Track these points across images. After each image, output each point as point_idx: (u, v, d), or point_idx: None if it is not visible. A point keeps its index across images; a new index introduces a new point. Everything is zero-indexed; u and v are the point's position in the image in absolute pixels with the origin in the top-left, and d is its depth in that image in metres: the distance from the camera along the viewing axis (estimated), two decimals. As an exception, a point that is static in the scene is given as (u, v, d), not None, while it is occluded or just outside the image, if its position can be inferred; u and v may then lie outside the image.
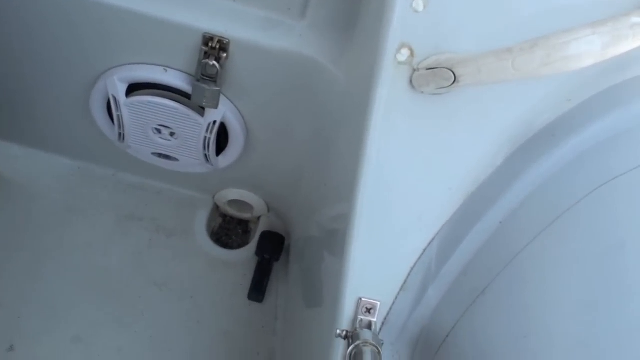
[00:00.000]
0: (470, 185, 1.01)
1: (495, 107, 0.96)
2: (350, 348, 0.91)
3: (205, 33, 1.24)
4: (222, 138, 1.50)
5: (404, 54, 0.89)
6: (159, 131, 1.48)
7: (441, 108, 0.93)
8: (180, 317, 1.71)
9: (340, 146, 1.19)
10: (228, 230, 1.94)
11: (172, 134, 1.48)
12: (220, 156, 1.56)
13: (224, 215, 1.96)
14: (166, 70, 1.35)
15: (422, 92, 0.91)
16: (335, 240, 1.12)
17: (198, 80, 1.29)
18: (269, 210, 1.88)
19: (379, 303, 0.98)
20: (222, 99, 1.36)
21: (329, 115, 1.28)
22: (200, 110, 1.40)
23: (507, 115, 0.98)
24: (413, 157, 0.96)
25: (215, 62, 1.26)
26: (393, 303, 1.02)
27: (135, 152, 1.61)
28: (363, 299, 0.98)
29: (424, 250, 1.02)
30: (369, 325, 0.97)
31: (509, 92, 0.95)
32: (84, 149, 1.78)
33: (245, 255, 1.84)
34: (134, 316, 1.68)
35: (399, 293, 1.02)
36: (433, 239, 1.02)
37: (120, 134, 1.50)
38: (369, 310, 0.98)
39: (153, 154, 1.59)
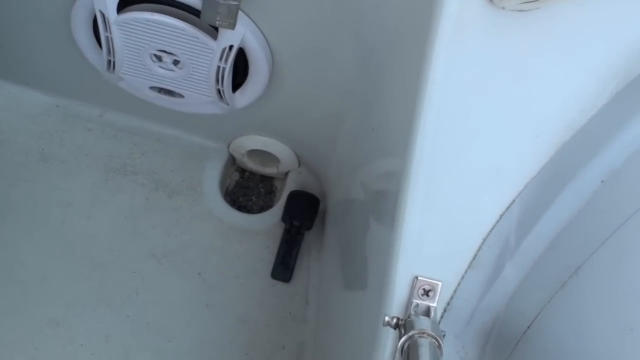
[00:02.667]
0: (563, 132, 1.00)
1: (599, 29, 0.95)
2: (403, 340, 0.90)
3: None
4: (241, 69, 1.51)
5: (481, -45, 0.89)
6: (160, 58, 1.48)
7: (527, 29, 0.92)
8: (184, 298, 1.73)
9: (394, 79, 1.18)
10: (247, 189, 1.96)
11: (175, 62, 1.48)
12: (238, 92, 1.57)
13: (242, 170, 1.97)
14: (169, -21, 1.35)
15: (503, 8, 0.90)
16: (385, 203, 1.12)
17: (210, -8, 1.29)
18: (299, 165, 1.90)
19: (440, 284, 0.98)
20: (242, 16, 1.35)
21: (379, 39, 1.27)
22: (213, 32, 1.40)
23: (614, 41, 0.96)
24: (489, 92, 0.95)
25: (232, -32, 1.26)
26: (458, 284, 1.02)
27: (128, 86, 1.62)
28: (420, 279, 0.98)
29: (501, 217, 1.01)
30: (427, 312, 0.98)
31: (619, 9, 0.93)
32: (64, 82, 1.79)
33: (269, 222, 1.86)
34: (127, 296, 1.71)
35: (466, 272, 1.02)
36: (513, 202, 1.01)
37: (109, 61, 1.51)
38: (427, 293, 0.99)
39: (151, 88, 1.60)
